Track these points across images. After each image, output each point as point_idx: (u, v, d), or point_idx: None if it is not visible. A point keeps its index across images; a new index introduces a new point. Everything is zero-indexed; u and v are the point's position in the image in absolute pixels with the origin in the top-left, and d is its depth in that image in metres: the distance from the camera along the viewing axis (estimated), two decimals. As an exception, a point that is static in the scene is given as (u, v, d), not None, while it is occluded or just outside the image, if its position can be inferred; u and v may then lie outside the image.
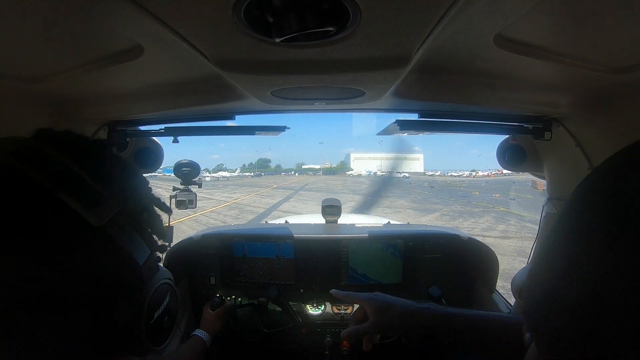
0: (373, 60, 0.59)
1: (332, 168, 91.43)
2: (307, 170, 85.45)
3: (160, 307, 0.42)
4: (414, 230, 1.66)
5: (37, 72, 0.68)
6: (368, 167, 65.99)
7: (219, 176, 57.10)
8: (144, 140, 1.23)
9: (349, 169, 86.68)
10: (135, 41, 0.58)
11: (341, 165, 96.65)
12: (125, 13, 0.45)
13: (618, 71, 0.65)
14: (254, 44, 0.52)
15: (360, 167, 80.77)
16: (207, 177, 52.02)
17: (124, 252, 0.38)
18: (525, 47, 0.60)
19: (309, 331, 1.51)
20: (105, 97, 0.88)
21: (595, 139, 0.88)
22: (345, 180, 47.98)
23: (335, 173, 78.79)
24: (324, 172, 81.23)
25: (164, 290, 0.43)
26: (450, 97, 0.87)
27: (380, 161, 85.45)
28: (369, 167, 65.63)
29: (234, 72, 0.64)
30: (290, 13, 0.43)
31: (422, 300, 1.44)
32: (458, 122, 1.06)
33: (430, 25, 0.48)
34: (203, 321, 1.33)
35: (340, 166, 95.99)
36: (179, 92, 0.87)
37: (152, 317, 0.40)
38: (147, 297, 0.39)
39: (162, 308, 0.42)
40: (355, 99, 0.87)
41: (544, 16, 0.51)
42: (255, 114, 1.13)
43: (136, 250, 0.39)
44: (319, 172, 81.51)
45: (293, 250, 1.49)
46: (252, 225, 2.94)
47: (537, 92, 0.84)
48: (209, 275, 1.55)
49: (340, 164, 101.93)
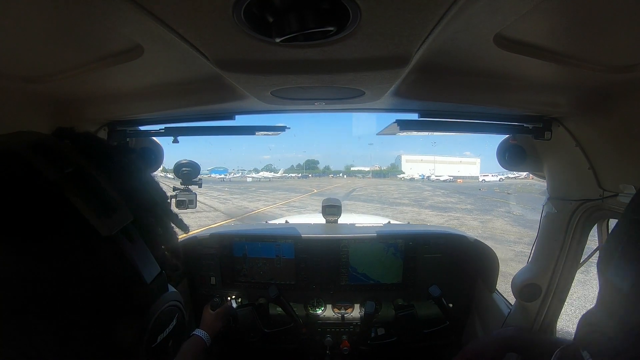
0: (373, 60, 0.59)
1: (382, 171, 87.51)
2: (356, 173, 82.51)
3: (165, 331, 0.39)
4: (414, 230, 1.66)
5: (37, 72, 0.68)
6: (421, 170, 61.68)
7: (261, 177, 55.29)
8: (144, 140, 1.23)
9: (400, 171, 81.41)
10: (135, 41, 0.57)
11: (392, 168, 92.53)
12: (126, 13, 0.45)
13: (618, 71, 0.65)
14: (254, 44, 0.52)
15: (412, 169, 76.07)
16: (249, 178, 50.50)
17: (131, 266, 0.35)
18: (525, 47, 0.60)
19: (309, 331, 1.51)
20: (105, 97, 0.88)
21: (595, 139, 0.88)
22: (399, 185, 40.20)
23: (386, 176, 74.17)
24: (373, 174, 78.75)
25: (172, 312, 0.41)
26: (450, 97, 0.87)
27: (434, 164, 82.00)
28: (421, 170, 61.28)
29: (234, 72, 0.64)
30: (290, 13, 0.43)
31: (421, 299, 1.46)
32: (458, 122, 1.06)
33: (430, 25, 0.48)
34: (203, 321, 1.33)
35: (390, 169, 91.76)
36: (179, 92, 0.86)
37: (154, 340, 0.38)
38: (152, 319, 0.37)
39: (167, 332, 0.40)
40: (355, 99, 0.86)
41: (544, 16, 0.51)
42: (255, 114, 1.13)
43: (145, 267, 0.37)
44: (368, 174, 78.71)
45: (293, 250, 1.49)
46: (253, 225, 2.94)
47: (537, 92, 0.84)
48: (209, 275, 1.55)
49: (390, 166, 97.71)
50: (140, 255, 0.37)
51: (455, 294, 1.49)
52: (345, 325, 1.52)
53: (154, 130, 1.17)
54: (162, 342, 0.39)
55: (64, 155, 0.35)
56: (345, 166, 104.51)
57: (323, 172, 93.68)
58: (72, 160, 0.35)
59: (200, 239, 1.55)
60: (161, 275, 0.39)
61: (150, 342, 0.37)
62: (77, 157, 0.35)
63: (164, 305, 0.39)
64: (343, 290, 1.51)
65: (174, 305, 0.41)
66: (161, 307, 0.38)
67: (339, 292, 1.52)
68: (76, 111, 0.91)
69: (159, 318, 0.38)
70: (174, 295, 0.41)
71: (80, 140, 0.39)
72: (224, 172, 78.58)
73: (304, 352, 1.53)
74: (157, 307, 0.38)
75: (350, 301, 1.53)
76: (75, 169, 0.34)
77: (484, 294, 1.46)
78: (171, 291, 0.41)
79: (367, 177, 70.84)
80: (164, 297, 0.39)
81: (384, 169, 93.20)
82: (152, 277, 0.37)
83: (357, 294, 1.51)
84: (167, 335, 0.40)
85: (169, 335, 0.40)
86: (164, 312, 0.39)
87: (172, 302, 0.41)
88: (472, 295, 1.52)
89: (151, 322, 0.37)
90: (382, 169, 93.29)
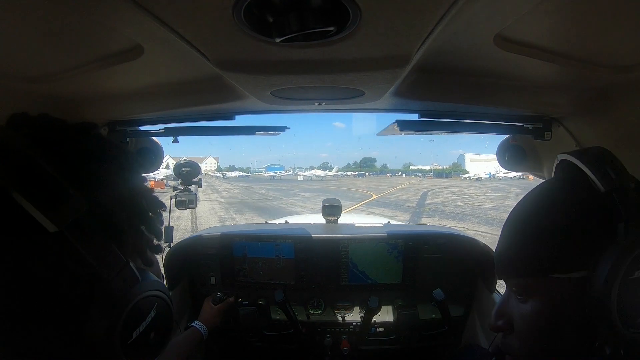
0: (373, 60, 0.59)
1: (443, 170, 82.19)
2: (416, 172, 78.00)
3: (142, 325, 0.36)
4: (414, 230, 1.66)
5: (37, 72, 0.68)
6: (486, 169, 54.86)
7: (312, 175, 52.60)
8: (144, 140, 1.23)
9: (464, 170, 74.06)
10: (135, 41, 0.57)
11: (454, 167, 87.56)
12: (126, 13, 0.45)
13: (618, 71, 0.65)
14: (254, 44, 0.52)
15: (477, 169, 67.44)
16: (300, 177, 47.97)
17: (85, 262, 0.33)
18: (525, 47, 0.60)
19: (309, 331, 1.51)
20: (105, 97, 0.88)
21: (595, 139, 0.88)
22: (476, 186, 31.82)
23: (449, 175, 66.58)
24: (434, 174, 72.31)
25: (148, 304, 0.37)
26: (450, 97, 0.87)
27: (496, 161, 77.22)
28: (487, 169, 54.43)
29: (234, 72, 0.64)
30: (290, 13, 0.43)
31: (421, 300, 1.46)
32: (458, 122, 1.06)
33: (430, 25, 0.48)
34: (203, 313, 1.32)
35: (453, 168, 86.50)
36: (179, 92, 0.86)
37: (130, 337, 0.35)
38: (122, 315, 0.34)
39: (145, 325, 0.37)
40: (355, 99, 0.86)
41: (544, 16, 0.51)
42: (255, 114, 1.13)
43: (103, 260, 0.34)
44: (429, 173, 72.64)
45: (293, 250, 1.49)
46: (253, 225, 2.94)
47: (537, 92, 0.84)
48: (209, 275, 1.55)
49: (453, 165, 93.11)
50: (97, 248, 0.34)
51: (455, 294, 1.49)
52: (345, 326, 1.52)
53: (154, 130, 1.17)
54: (141, 336, 0.36)
55: (10, 146, 0.32)
56: (404, 164, 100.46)
57: (380, 170, 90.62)
58: (20, 151, 0.32)
59: (199, 238, 1.55)
60: (128, 266, 0.36)
61: (124, 338, 0.34)
62: (25, 147, 0.32)
63: (136, 297, 0.36)
64: (343, 290, 1.51)
65: (151, 296, 0.38)
66: (132, 301, 0.35)
67: (339, 292, 1.51)
68: (76, 111, 0.91)
69: (131, 313, 0.35)
70: (150, 284, 0.38)
71: (32, 125, 0.36)
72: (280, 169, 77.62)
73: (303, 352, 1.53)
74: (126, 301, 0.35)
75: (350, 301, 1.53)
76: (22, 162, 0.31)
77: (484, 294, 1.46)
78: (147, 281, 0.38)
79: (427, 177, 63.57)
80: (135, 289, 0.36)
81: (445, 167, 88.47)
82: (116, 271, 0.35)
83: (357, 294, 1.51)
84: (146, 328, 0.37)
85: (148, 328, 0.37)
86: (138, 306, 0.36)
87: (147, 293, 0.37)
88: (472, 295, 1.52)
89: (121, 319, 0.34)
90: (444, 168, 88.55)
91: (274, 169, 67.45)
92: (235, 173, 76.59)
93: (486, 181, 42.22)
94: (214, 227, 1.78)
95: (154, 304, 0.38)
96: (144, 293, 0.37)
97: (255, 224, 3.00)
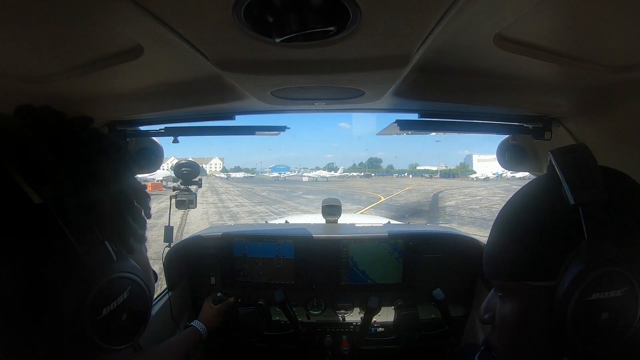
0: (373, 60, 0.59)
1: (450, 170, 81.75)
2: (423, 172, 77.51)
3: (113, 304, 0.38)
4: (414, 230, 1.66)
5: (37, 72, 0.68)
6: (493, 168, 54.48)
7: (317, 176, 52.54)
8: (144, 140, 1.23)
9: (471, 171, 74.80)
10: (135, 41, 0.57)
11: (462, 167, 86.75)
12: (125, 13, 0.45)
13: (618, 71, 0.65)
14: (254, 44, 0.52)
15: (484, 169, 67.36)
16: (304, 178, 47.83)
17: (63, 237, 0.35)
18: (525, 47, 0.60)
19: (309, 331, 1.51)
20: (105, 97, 0.88)
21: (595, 139, 0.88)
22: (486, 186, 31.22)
23: (455, 176, 66.55)
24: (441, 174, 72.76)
25: (120, 284, 0.39)
26: (450, 97, 0.87)
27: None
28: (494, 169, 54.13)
29: (234, 72, 0.64)
30: (290, 13, 0.43)
31: (421, 301, 1.46)
32: (458, 122, 1.06)
33: (430, 25, 0.48)
34: (203, 313, 1.32)
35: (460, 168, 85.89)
36: (179, 92, 0.86)
37: (99, 312, 0.36)
38: (93, 288, 0.36)
39: (116, 304, 0.38)
40: (355, 99, 0.87)
41: (544, 16, 0.51)
42: (255, 114, 1.13)
43: (80, 236, 0.36)
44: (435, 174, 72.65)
45: (293, 250, 1.49)
46: (253, 225, 2.94)
47: (537, 92, 0.84)
48: (209, 275, 1.55)
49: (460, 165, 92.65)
50: (77, 225, 0.36)
51: (455, 294, 1.49)
52: (345, 326, 1.52)
53: (154, 130, 1.17)
54: (111, 315, 0.37)
55: (9, 129, 0.35)
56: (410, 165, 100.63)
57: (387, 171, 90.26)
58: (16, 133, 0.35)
59: (199, 238, 1.55)
60: (103, 245, 0.38)
61: (93, 314, 0.36)
62: (22, 130, 0.36)
63: (108, 276, 0.37)
64: (343, 290, 1.51)
65: (123, 277, 0.39)
66: (105, 278, 0.37)
67: (339, 292, 1.51)
68: (76, 111, 0.91)
69: (102, 289, 0.37)
70: (125, 267, 0.40)
71: (34, 115, 0.40)
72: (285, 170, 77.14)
73: (303, 352, 1.53)
74: (98, 277, 0.36)
75: (351, 301, 1.53)
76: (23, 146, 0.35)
77: (483, 294, 1.46)
78: (124, 263, 0.40)
79: (434, 177, 63.74)
80: (110, 268, 0.38)
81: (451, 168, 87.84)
82: (90, 248, 0.37)
83: (357, 294, 1.51)
84: (117, 308, 0.38)
85: (119, 309, 0.38)
86: (109, 283, 0.37)
87: (120, 274, 0.39)
88: (472, 295, 1.52)
89: (91, 293, 0.36)
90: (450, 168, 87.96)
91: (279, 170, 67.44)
92: (240, 174, 76.49)
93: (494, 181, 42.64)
94: (214, 227, 1.77)
95: (127, 285, 0.40)
96: (117, 273, 0.39)
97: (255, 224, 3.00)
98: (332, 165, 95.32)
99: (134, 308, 0.40)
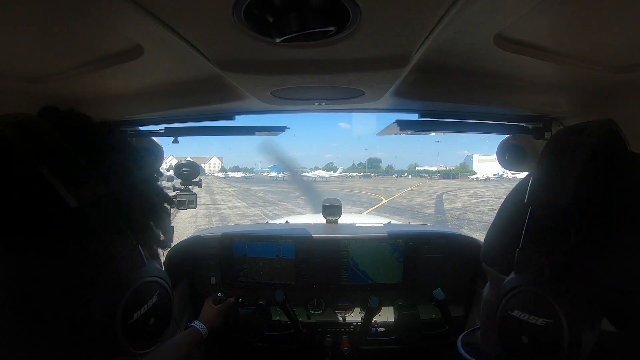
0: (373, 60, 0.59)
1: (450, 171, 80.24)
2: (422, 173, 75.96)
3: (143, 307, 0.38)
4: (415, 230, 1.65)
5: (37, 72, 0.68)
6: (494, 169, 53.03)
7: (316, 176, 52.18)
8: (144, 140, 1.23)
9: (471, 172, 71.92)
10: (135, 41, 0.57)
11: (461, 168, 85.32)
12: (125, 13, 0.45)
13: (618, 71, 0.65)
14: (254, 44, 0.52)
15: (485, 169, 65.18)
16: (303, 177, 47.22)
17: (99, 240, 0.35)
18: (525, 47, 0.60)
19: (309, 331, 1.51)
20: (105, 97, 0.88)
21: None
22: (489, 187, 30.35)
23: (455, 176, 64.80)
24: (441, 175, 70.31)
25: (150, 288, 0.39)
26: (451, 97, 0.87)
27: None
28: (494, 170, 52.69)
29: (234, 72, 0.64)
30: (291, 13, 0.43)
31: (422, 301, 1.46)
32: (458, 122, 1.06)
33: (430, 25, 0.48)
34: (203, 314, 1.32)
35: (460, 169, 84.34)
36: (179, 92, 0.86)
37: (130, 317, 0.36)
38: (126, 294, 0.36)
39: (146, 308, 0.38)
40: (355, 99, 0.86)
41: (544, 16, 0.51)
42: (255, 114, 1.13)
43: (115, 240, 0.36)
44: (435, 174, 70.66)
45: (293, 250, 1.49)
46: (253, 225, 2.94)
47: (537, 92, 0.84)
48: (209, 275, 1.55)
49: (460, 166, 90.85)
50: (112, 229, 0.36)
51: (456, 294, 1.49)
52: (345, 326, 1.52)
53: (154, 131, 1.17)
54: (141, 318, 0.37)
55: (43, 132, 0.35)
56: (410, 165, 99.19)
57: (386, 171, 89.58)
58: (51, 136, 0.35)
59: (200, 239, 1.55)
60: (136, 250, 0.38)
61: (125, 318, 0.36)
62: (55, 134, 0.36)
63: (140, 281, 0.37)
64: (343, 290, 1.51)
65: (153, 281, 0.39)
66: (137, 282, 0.37)
67: (340, 292, 1.51)
68: None
69: (134, 293, 0.36)
70: (154, 270, 0.40)
71: (61, 117, 0.40)
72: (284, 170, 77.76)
73: (304, 353, 1.53)
74: (132, 281, 0.37)
75: (351, 301, 1.53)
76: (53, 146, 0.35)
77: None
78: (151, 267, 0.40)
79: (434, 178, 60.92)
80: (140, 272, 0.38)
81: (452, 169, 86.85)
82: (125, 252, 0.37)
83: (357, 294, 1.51)
84: (147, 312, 0.38)
85: (148, 313, 0.38)
86: (141, 288, 0.37)
87: (150, 278, 0.39)
88: (473, 295, 1.52)
89: (124, 297, 0.35)
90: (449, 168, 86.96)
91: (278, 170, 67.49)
92: (239, 173, 76.34)
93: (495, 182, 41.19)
94: (214, 227, 1.78)
95: (156, 290, 0.40)
96: (149, 277, 0.39)
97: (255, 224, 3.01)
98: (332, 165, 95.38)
99: (160, 312, 0.41)
